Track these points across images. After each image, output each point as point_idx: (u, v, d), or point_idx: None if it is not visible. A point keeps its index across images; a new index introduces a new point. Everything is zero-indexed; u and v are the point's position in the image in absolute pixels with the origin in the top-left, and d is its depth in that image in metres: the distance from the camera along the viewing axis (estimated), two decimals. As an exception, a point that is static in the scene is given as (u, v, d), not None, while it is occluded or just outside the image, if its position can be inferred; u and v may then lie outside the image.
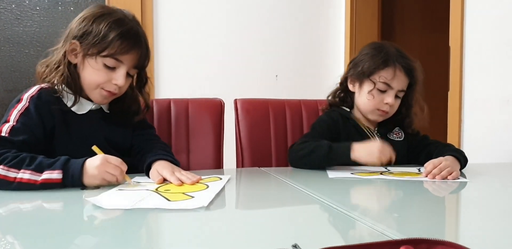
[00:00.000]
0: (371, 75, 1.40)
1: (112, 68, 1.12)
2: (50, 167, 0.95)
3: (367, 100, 1.41)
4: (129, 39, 1.10)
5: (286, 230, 0.73)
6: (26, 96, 1.12)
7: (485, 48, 1.82)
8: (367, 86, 1.41)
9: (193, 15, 2.51)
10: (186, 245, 0.63)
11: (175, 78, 2.46)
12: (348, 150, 1.24)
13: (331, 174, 1.21)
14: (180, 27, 2.49)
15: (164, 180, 1.05)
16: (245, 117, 1.61)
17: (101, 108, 1.22)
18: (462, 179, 1.16)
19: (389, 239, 0.63)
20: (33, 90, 1.14)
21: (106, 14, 1.12)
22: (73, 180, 0.95)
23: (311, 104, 1.69)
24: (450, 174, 1.16)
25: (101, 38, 1.08)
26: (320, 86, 2.71)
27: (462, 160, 1.28)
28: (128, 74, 1.16)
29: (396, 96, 1.41)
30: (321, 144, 1.29)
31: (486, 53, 1.81)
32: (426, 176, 1.17)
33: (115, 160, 0.99)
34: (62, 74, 1.12)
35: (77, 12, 2.39)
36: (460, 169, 1.27)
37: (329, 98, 1.55)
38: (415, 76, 1.42)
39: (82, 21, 1.12)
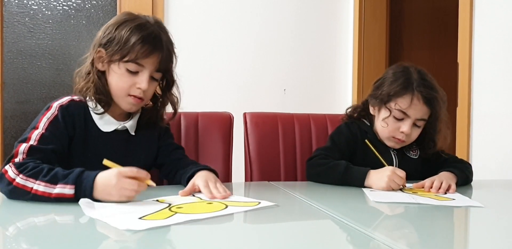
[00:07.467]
0: (387, 102, 1.35)
1: (135, 73, 1.14)
2: (64, 179, 0.94)
3: (382, 127, 1.37)
4: (149, 43, 1.12)
5: (296, 245, 0.73)
6: (56, 104, 1.14)
7: (493, 64, 1.83)
8: (383, 113, 1.37)
9: (202, 30, 2.54)
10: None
11: (185, 91, 2.47)
12: (363, 176, 1.24)
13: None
14: (189, 42, 2.52)
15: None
16: (254, 130, 1.61)
17: (126, 129, 1.21)
18: (475, 203, 1.12)
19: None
20: (64, 100, 1.16)
21: (129, 20, 1.15)
22: (85, 196, 0.93)
23: (320, 118, 1.70)
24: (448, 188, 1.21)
25: (123, 43, 1.11)
26: (327, 100, 2.73)
27: (458, 174, 1.29)
28: (152, 78, 1.18)
29: (415, 125, 1.35)
30: (339, 165, 1.28)
31: (495, 69, 1.82)
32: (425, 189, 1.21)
33: (130, 172, 0.96)
34: (92, 82, 1.15)
35: (88, 25, 2.45)
36: (460, 183, 1.28)
37: (349, 110, 1.51)
38: (435, 106, 1.33)
39: (107, 29, 1.15)
